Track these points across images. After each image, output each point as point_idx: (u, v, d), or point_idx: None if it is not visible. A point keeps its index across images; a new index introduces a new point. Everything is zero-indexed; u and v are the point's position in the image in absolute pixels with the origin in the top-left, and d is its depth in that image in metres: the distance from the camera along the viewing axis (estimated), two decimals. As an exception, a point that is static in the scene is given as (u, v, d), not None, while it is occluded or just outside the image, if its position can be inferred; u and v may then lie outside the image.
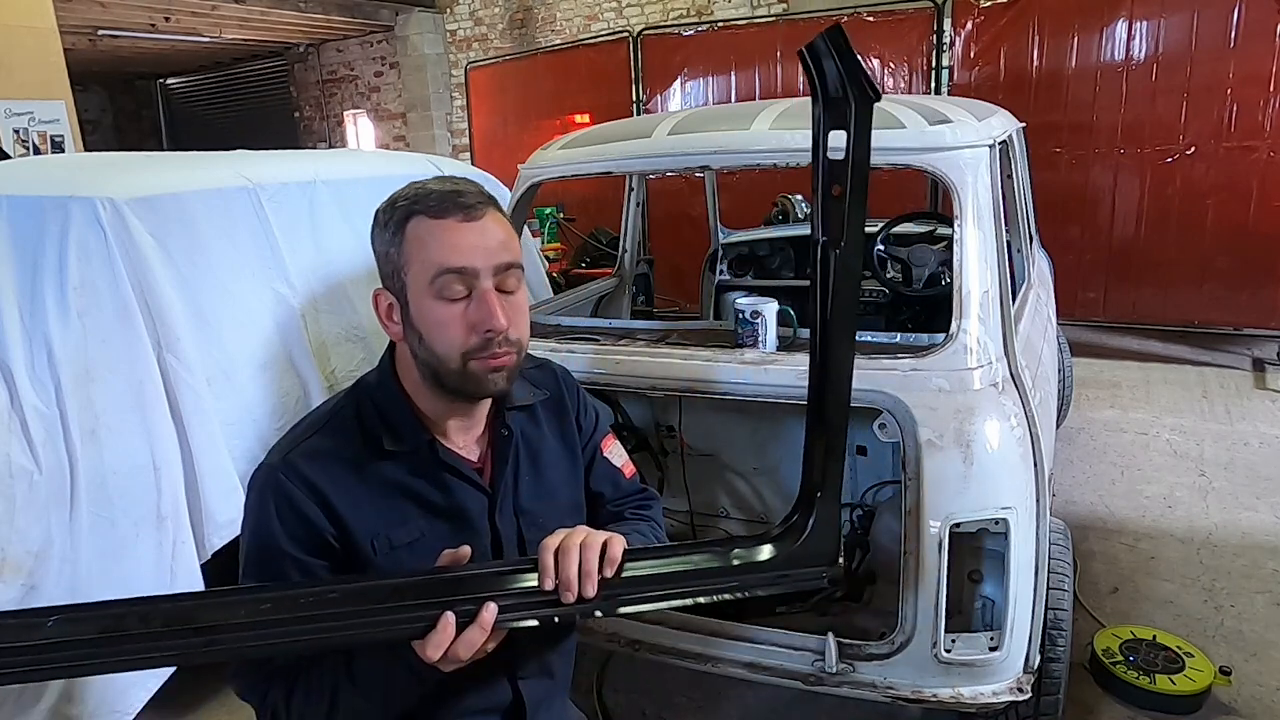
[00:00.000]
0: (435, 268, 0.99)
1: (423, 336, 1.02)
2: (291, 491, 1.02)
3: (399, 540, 1.06)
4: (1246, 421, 3.99)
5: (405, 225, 1.01)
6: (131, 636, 0.80)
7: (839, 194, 0.92)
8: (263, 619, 0.83)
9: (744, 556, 1.00)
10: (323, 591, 0.88)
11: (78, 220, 1.95)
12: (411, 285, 1.01)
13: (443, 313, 1.00)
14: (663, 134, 2.06)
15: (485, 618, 0.88)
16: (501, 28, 9.13)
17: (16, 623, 0.79)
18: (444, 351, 1.01)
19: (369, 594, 0.88)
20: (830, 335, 0.98)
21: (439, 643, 0.86)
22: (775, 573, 1.00)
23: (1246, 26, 4.69)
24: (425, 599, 0.88)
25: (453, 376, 1.03)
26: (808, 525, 1.00)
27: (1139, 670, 2.17)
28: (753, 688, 2.21)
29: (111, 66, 11.45)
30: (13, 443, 1.83)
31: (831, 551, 1.01)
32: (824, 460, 1.01)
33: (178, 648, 0.81)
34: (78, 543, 1.87)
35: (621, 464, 1.34)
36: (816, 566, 1.00)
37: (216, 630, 0.82)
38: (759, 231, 3.83)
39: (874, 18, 5.68)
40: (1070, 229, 5.28)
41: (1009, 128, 2.24)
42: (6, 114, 5.36)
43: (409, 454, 1.08)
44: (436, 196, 1.01)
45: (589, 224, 6.14)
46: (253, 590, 0.92)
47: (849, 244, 0.93)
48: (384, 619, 0.86)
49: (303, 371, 2.32)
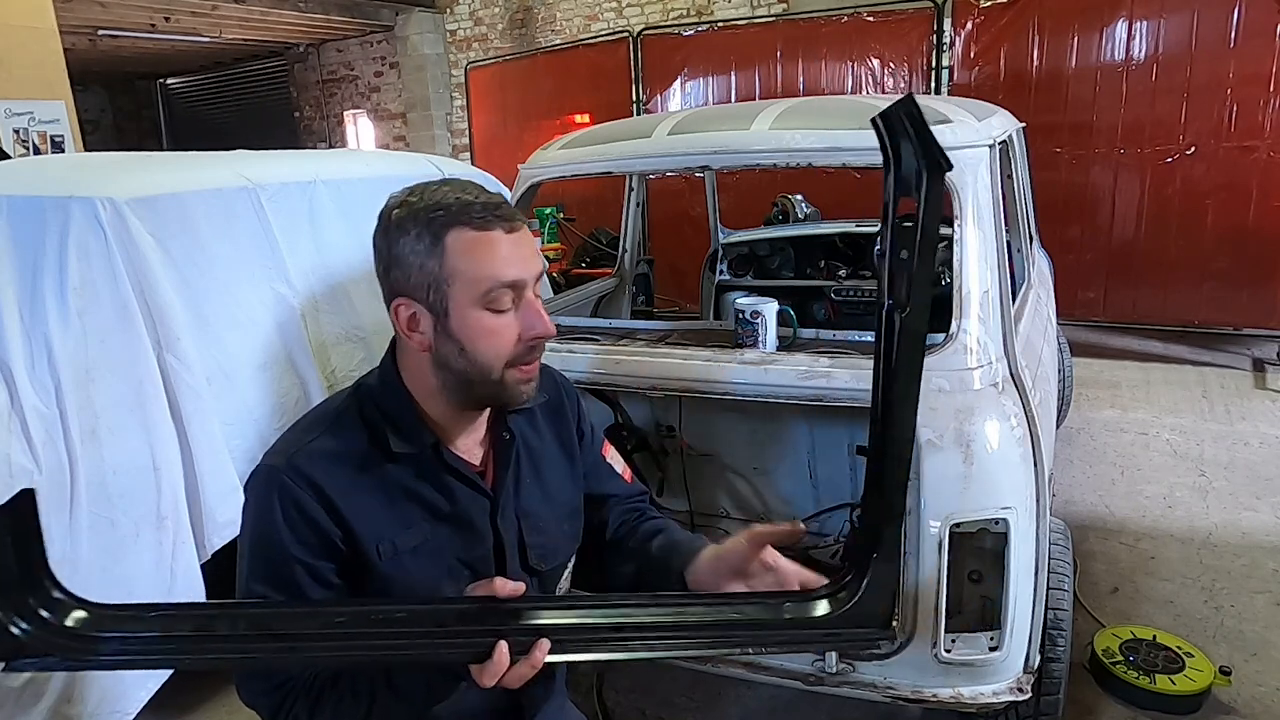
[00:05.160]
0: (490, 281, 0.99)
1: (465, 347, 1.02)
2: (298, 494, 1.01)
3: (404, 545, 1.06)
4: (1246, 421, 3.99)
5: (444, 237, 0.99)
6: (221, 637, 0.86)
7: (907, 259, 0.92)
8: (335, 631, 0.88)
9: (796, 612, 0.99)
10: (391, 610, 0.92)
11: (78, 220, 1.95)
12: (457, 297, 1.00)
13: (493, 322, 1.01)
14: (663, 134, 2.06)
15: (537, 656, 0.89)
16: (501, 28, 9.13)
17: (125, 614, 0.85)
18: (488, 361, 1.02)
19: (435, 616, 0.92)
20: (894, 396, 0.96)
21: (494, 672, 0.88)
22: (826, 630, 1.00)
23: (1246, 26, 4.69)
24: (486, 625, 0.91)
25: (490, 386, 1.04)
26: (862, 586, 0.99)
27: (1139, 670, 2.17)
28: (753, 688, 2.21)
29: (111, 66, 11.45)
30: (13, 443, 1.83)
31: (886, 614, 1.00)
32: (882, 521, 0.99)
33: (260, 650, 0.88)
34: (78, 543, 1.87)
35: (621, 469, 1.36)
36: (869, 628, 0.99)
37: (295, 639, 0.87)
38: (759, 231, 3.83)
39: (874, 18, 5.68)
40: (1070, 229, 5.28)
41: (1009, 128, 2.24)
42: (6, 114, 5.36)
43: (414, 457, 1.07)
44: (478, 208, 1.00)
45: (589, 224, 6.14)
46: (327, 605, 0.98)
47: (915, 308, 0.93)
48: (446, 642, 0.91)
49: (303, 371, 2.32)
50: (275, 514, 1.01)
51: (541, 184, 2.25)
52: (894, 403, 0.96)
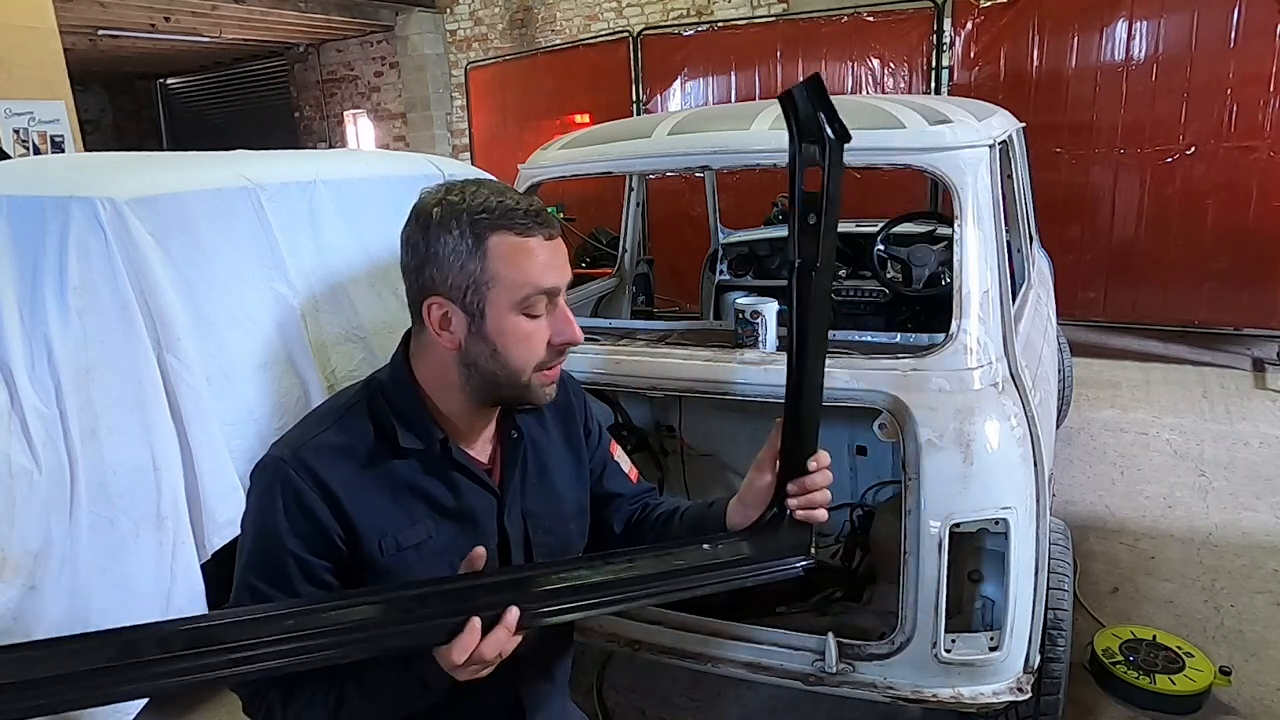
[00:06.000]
0: (530, 287, 1.01)
1: (498, 350, 1.03)
2: (300, 487, 1.01)
3: (407, 541, 1.06)
4: (1246, 421, 3.99)
5: (487, 240, 0.99)
6: (155, 661, 0.80)
7: (815, 223, 1.04)
8: (289, 636, 0.86)
9: (729, 552, 1.13)
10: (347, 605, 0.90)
11: (78, 220, 1.94)
12: (495, 300, 1.01)
13: (528, 327, 1.03)
14: (663, 134, 2.06)
15: (509, 618, 0.90)
16: (501, 28, 9.13)
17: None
18: (519, 365, 1.04)
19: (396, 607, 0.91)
20: (807, 342, 1.09)
21: (465, 645, 0.88)
22: (754, 563, 1.13)
23: (1246, 26, 4.69)
24: (448, 605, 0.92)
25: (517, 389, 1.06)
26: (783, 522, 1.14)
27: (1139, 670, 2.17)
28: (753, 688, 2.21)
29: (111, 66, 11.45)
30: (13, 443, 1.83)
31: (805, 544, 1.16)
32: (799, 460, 1.14)
33: (210, 666, 0.82)
34: (78, 543, 1.87)
35: (628, 468, 1.38)
36: (791, 557, 1.15)
37: (245, 649, 0.84)
38: (759, 231, 3.83)
39: (874, 18, 5.68)
40: (1070, 229, 5.28)
41: (1009, 128, 2.24)
42: (6, 114, 5.36)
43: (422, 453, 1.07)
44: (521, 213, 1.01)
45: (589, 224, 6.14)
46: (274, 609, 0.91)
47: (823, 266, 1.06)
48: (408, 628, 0.90)
49: (303, 371, 2.32)
50: (276, 505, 1.01)
51: (541, 184, 2.25)
52: (806, 348, 1.09)
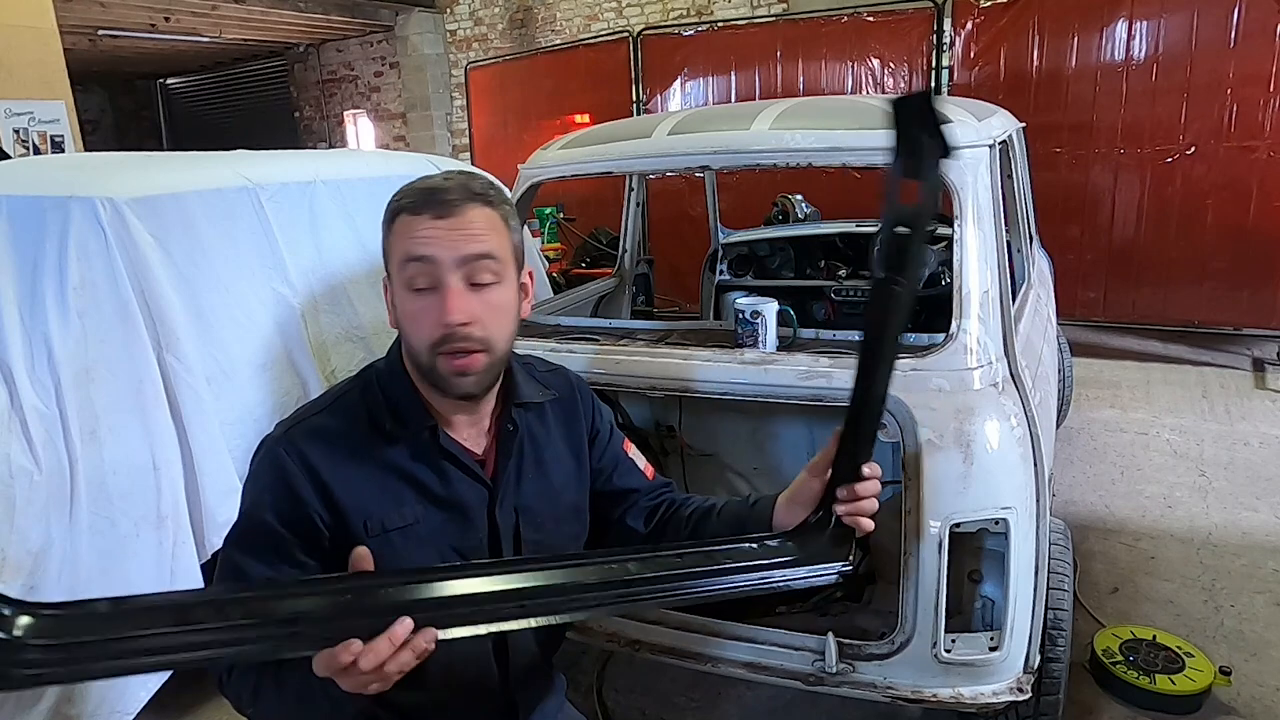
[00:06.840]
0: (402, 254, 1.02)
1: (403, 328, 1.07)
2: (287, 465, 1.04)
3: (392, 523, 1.07)
4: (1246, 421, 3.99)
5: (394, 220, 1.04)
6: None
7: (904, 236, 0.97)
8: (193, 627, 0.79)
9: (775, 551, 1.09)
10: (236, 598, 0.84)
11: (78, 220, 1.95)
12: (392, 277, 1.06)
13: (412, 304, 1.03)
14: (663, 134, 2.06)
15: (397, 631, 0.82)
16: (501, 28, 9.13)
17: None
18: (416, 344, 1.05)
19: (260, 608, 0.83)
20: (877, 357, 1.04)
21: (328, 659, 0.81)
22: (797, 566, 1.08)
23: (1246, 26, 4.69)
24: (325, 619, 0.83)
25: (427, 371, 1.05)
26: (829, 525, 1.10)
27: (1139, 670, 2.17)
28: (753, 688, 2.21)
29: (111, 66, 11.44)
30: (13, 443, 1.83)
31: (846, 551, 1.10)
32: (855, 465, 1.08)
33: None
34: (78, 543, 1.87)
35: (643, 465, 1.36)
36: (832, 562, 1.09)
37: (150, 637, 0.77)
38: (759, 231, 3.83)
39: (874, 18, 5.68)
40: (1070, 229, 5.27)
41: (1009, 128, 2.24)
42: (6, 114, 5.36)
43: (411, 439, 1.09)
44: (420, 193, 1.03)
45: (589, 224, 6.14)
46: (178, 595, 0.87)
47: (907, 280, 1.00)
48: (261, 635, 0.81)
49: (303, 371, 2.32)
50: (263, 481, 1.05)
51: (541, 184, 2.25)
52: (877, 361, 1.04)
